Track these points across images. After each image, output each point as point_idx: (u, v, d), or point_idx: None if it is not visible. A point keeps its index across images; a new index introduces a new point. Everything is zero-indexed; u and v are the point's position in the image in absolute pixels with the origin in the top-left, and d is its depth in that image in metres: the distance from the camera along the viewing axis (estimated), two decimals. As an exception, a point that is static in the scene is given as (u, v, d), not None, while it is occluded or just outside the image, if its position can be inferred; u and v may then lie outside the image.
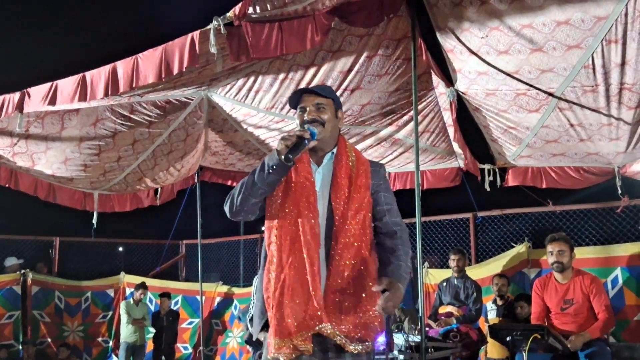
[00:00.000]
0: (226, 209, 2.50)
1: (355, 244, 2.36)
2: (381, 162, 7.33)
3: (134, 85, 4.02)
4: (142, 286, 8.65)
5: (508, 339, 4.16)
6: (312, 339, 2.29)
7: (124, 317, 8.44)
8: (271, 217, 2.45)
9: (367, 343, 2.30)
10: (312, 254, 2.32)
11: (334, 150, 2.51)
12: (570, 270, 4.63)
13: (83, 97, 4.46)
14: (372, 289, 2.30)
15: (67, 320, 9.31)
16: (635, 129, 5.25)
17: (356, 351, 2.27)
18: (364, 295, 2.32)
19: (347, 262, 2.33)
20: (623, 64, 4.41)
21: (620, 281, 5.87)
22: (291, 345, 2.27)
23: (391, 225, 2.51)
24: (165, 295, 8.85)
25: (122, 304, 8.67)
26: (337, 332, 2.26)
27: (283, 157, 2.31)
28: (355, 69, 5.32)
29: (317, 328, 2.26)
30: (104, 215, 7.78)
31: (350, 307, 2.30)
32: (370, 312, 2.31)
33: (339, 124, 2.57)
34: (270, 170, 2.35)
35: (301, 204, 2.38)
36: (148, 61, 3.96)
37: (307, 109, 2.48)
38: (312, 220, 2.36)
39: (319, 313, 2.26)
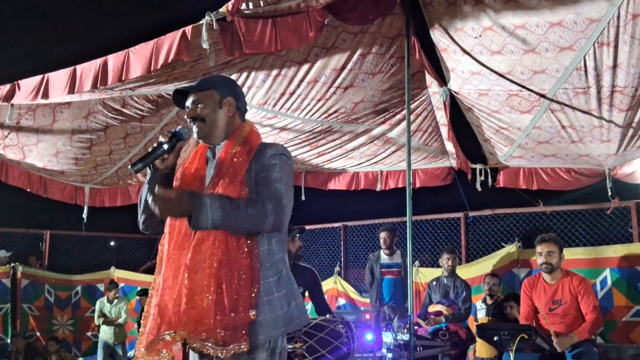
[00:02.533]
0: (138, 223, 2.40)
1: (219, 237, 2.09)
2: (373, 160, 7.35)
3: (123, 79, 4.00)
4: (112, 284, 8.41)
5: (495, 338, 4.17)
6: (170, 348, 2.12)
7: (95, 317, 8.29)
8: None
9: (229, 346, 2.04)
10: (175, 255, 2.16)
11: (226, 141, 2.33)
12: (559, 271, 4.65)
13: (74, 90, 4.44)
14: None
15: (57, 314, 9.27)
16: (626, 132, 5.27)
17: (222, 355, 2.04)
18: (230, 294, 2.07)
19: (206, 258, 2.08)
20: (615, 66, 4.43)
21: (609, 282, 5.90)
22: (157, 350, 2.12)
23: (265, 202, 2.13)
24: (144, 292, 8.68)
25: (97, 303, 8.48)
26: (191, 336, 2.04)
27: (129, 168, 2.19)
28: (349, 66, 5.32)
29: (170, 336, 2.06)
30: (95, 209, 7.76)
31: (213, 308, 2.05)
32: (240, 313, 2.06)
33: (229, 112, 2.34)
34: (147, 183, 2.26)
35: None
36: (139, 55, 3.95)
37: (188, 107, 2.34)
38: (178, 219, 2.17)
39: (174, 319, 2.08)
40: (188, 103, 2.35)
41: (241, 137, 2.31)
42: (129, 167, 2.17)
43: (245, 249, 2.14)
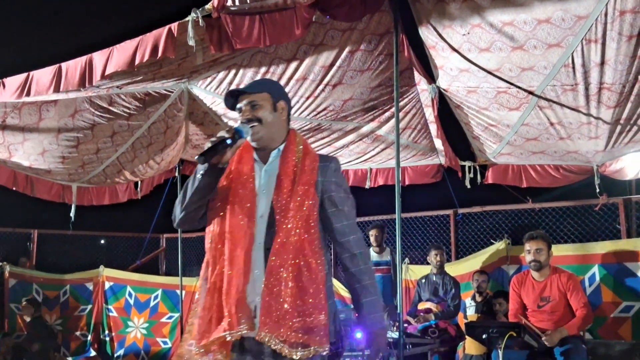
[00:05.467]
0: (172, 218, 2.41)
1: (297, 243, 2.21)
2: (363, 158, 7.34)
3: (106, 73, 3.97)
4: None
5: (484, 336, 4.18)
6: (237, 345, 2.19)
7: None
8: (209, 221, 2.35)
9: (310, 348, 2.14)
10: (240, 255, 2.20)
11: (281, 147, 2.38)
12: (547, 268, 4.66)
13: (59, 88, 4.40)
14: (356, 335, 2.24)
15: (45, 313, 9.16)
16: (614, 128, 5.29)
17: (297, 357, 2.13)
18: (307, 298, 2.18)
19: (286, 263, 2.19)
20: (602, 63, 4.44)
21: (598, 278, 5.93)
22: (212, 351, 2.17)
23: (347, 234, 2.36)
24: (29, 302, 8.12)
25: None
26: (272, 337, 2.12)
27: (196, 158, 2.22)
28: (338, 63, 5.30)
29: (242, 333, 2.14)
30: (84, 208, 7.69)
31: (290, 311, 2.15)
32: (314, 316, 2.17)
33: (282, 116, 2.41)
34: (199, 176, 2.27)
35: (236, 204, 2.28)
36: (124, 51, 3.91)
37: (242, 108, 2.37)
38: (242, 221, 2.25)
39: (246, 317, 2.15)
40: (241, 105, 2.37)
41: (299, 145, 2.38)
42: (197, 157, 2.21)
43: (318, 256, 2.26)
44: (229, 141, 2.22)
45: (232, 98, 2.41)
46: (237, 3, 3.64)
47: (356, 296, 2.36)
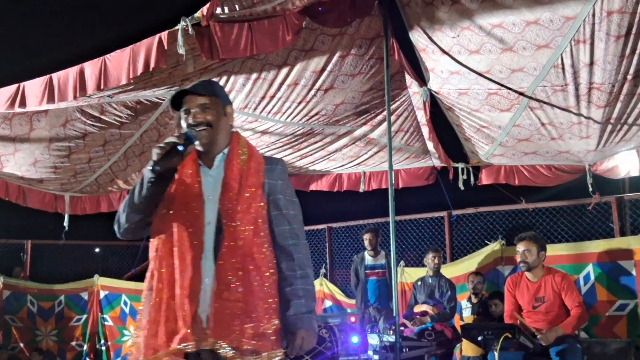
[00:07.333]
0: (115, 228, 2.33)
1: (245, 247, 2.15)
2: (356, 162, 7.35)
3: (102, 87, 3.95)
4: None
5: (480, 338, 4.18)
6: (191, 356, 2.09)
7: None
8: (155, 230, 2.25)
9: (263, 354, 2.08)
10: (186, 264, 2.13)
11: (225, 151, 2.31)
12: (540, 269, 4.67)
13: (51, 99, 4.37)
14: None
15: (40, 324, 9.13)
16: (605, 128, 5.32)
17: None
18: (258, 302, 2.12)
19: (234, 267, 2.12)
20: (591, 63, 4.46)
21: (592, 277, 5.94)
22: None
23: (288, 238, 2.29)
24: None
25: None
26: (223, 345, 2.04)
27: (149, 167, 2.12)
28: (329, 68, 5.31)
29: (194, 345, 2.05)
30: (77, 217, 7.65)
31: (240, 316, 2.08)
32: (266, 322, 2.12)
33: (229, 121, 2.35)
34: (149, 183, 2.17)
35: (183, 212, 2.20)
36: (116, 62, 3.90)
37: (191, 111, 2.26)
38: (191, 229, 2.17)
39: (198, 328, 2.08)
40: (191, 106, 2.26)
41: (243, 147, 2.31)
42: (152, 167, 2.10)
43: (269, 259, 2.21)
44: (180, 148, 2.13)
45: (178, 97, 2.30)
46: (226, 11, 3.65)
47: (285, 299, 2.23)
